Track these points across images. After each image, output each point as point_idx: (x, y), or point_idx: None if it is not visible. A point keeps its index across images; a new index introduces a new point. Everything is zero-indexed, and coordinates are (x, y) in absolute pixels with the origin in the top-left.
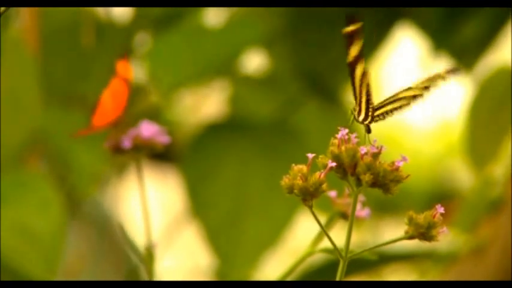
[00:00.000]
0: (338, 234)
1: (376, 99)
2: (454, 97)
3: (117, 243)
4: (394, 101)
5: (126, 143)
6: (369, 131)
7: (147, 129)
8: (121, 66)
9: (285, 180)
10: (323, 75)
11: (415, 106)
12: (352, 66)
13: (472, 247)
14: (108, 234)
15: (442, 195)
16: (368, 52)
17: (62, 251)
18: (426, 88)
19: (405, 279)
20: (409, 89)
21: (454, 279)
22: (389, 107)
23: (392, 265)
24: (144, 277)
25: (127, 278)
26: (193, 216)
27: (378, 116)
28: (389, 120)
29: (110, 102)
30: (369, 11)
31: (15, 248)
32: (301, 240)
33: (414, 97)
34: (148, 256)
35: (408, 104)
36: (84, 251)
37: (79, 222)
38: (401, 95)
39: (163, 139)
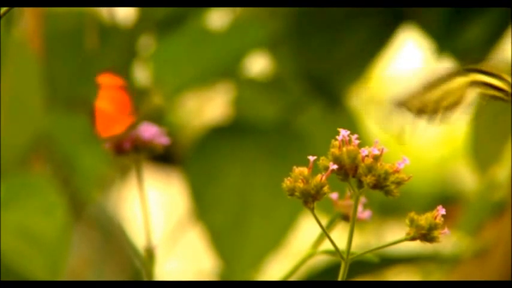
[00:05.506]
0: (340, 236)
1: (379, 103)
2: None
3: (121, 247)
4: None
5: (126, 144)
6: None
7: (147, 131)
8: (105, 80)
9: (286, 183)
10: (327, 78)
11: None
12: None
13: (476, 250)
14: (113, 237)
15: (446, 198)
16: (371, 54)
17: (66, 254)
18: None
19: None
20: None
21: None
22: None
23: (397, 268)
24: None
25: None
26: (197, 219)
27: None
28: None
29: (114, 113)
30: (372, 13)
31: (19, 251)
32: (305, 242)
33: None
34: (148, 257)
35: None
36: (88, 254)
37: (83, 225)
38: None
39: (163, 140)
